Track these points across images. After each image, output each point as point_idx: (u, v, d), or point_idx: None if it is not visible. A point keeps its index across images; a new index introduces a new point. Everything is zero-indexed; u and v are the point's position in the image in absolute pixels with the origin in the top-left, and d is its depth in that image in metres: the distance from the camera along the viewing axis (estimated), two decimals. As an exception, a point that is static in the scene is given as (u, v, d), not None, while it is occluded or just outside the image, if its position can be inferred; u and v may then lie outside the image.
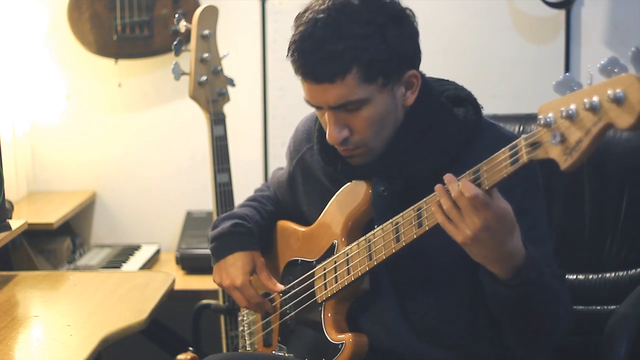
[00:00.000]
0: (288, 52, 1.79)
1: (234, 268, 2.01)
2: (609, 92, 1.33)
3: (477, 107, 1.84)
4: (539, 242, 1.74)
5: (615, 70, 1.34)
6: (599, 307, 2.10)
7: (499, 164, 1.53)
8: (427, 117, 1.81)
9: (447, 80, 1.91)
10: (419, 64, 1.82)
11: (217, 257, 2.04)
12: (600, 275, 2.11)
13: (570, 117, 1.39)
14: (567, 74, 1.44)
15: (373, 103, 1.76)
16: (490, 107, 1.93)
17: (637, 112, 1.30)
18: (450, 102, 1.84)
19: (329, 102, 1.76)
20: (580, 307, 2.11)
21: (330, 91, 1.74)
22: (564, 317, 1.74)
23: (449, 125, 1.80)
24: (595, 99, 1.35)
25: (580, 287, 2.12)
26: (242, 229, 2.05)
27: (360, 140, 1.79)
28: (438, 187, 1.62)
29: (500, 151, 1.53)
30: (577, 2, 3.14)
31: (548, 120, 1.43)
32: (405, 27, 1.77)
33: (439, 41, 3.20)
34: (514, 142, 1.51)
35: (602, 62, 1.35)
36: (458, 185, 1.58)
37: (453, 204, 1.59)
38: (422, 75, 1.84)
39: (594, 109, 1.36)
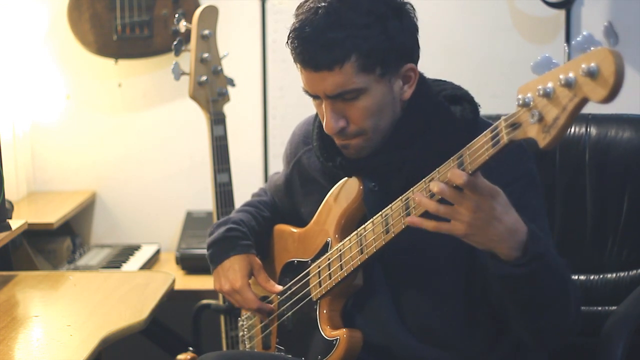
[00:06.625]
0: (288, 39, 1.79)
1: (232, 271, 2.01)
2: (583, 66, 1.33)
3: (474, 106, 1.85)
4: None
5: (591, 48, 1.34)
6: (599, 308, 2.10)
7: (481, 147, 1.53)
8: (425, 114, 1.81)
9: (444, 81, 1.92)
10: (417, 59, 1.83)
11: (214, 263, 2.05)
12: (601, 276, 2.11)
13: (547, 95, 1.40)
14: (545, 54, 1.44)
15: (370, 93, 1.76)
16: (490, 107, 1.93)
17: (610, 84, 1.30)
18: (448, 101, 1.85)
19: (327, 90, 1.76)
20: (581, 307, 2.11)
21: (328, 79, 1.75)
22: (574, 299, 1.72)
23: (446, 123, 1.81)
24: (570, 74, 1.36)
25: (581, 288, 2.12)
26: (236, 232, 2.05)
27: (358, 130, 1.79)
28: (416, 195, 1.62)
29: (482, 134, 1.53)
30: (577, 2, 3.14)
31: (527, 100, 1.43)
32: (405, 20, 1.78)
33: (439, 41, 3.20)
34: (494, 124, 1.51)
35: (577, 39, 1.36)
36: (435, 185, 1.58)
37: (438, 204, 1.59)
38: (421, 74, 1.84)
39: (569, 84, 1.36)
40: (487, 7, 3.21)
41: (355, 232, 1.82)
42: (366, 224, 1.79)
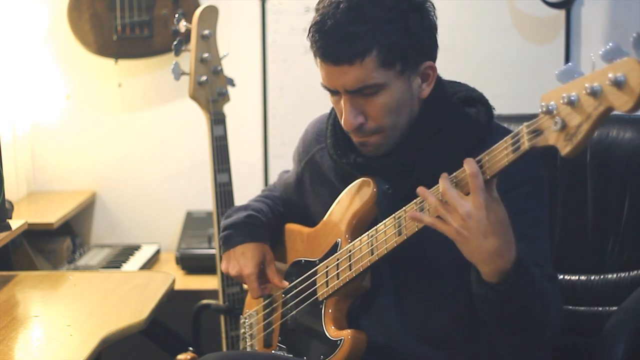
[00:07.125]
0: (308, 33, 1.79)
1: (244, 258, 2.02)
2: (610, 75, 1.34)
3: (488, 108, 1.85)
4: (536, 240, 1.74)
5: (617, 58, 1.35)
6: (600, 308, 2.10)
7: (501, 152, 1.53)
8: (440, 115, 1.82)
9: (459, 82, 1.92)
10: (436, 58, 1.83)
11: (228, 245, 2.06)
12: (602, 276, 2.11)
13: (572, 103, 1.40)
14: (569, 63, 1.45)
15: (390, 89, 1.76)
16: (490, 107, 1.92)
17: (636, 94, 1.31)
18: (462, 102, 1.85)
19: (347, 85, 1.76)
20: (582, 308, 2.11)
21: (348, 73, 1.74)
22: (554, 321, 1.72)
23: (461, 125, 1.81)
24: (596, 84, 1.37)
25: (581, 288, 2.12)
26: (255, 221, 2.07)
27: (377, 127, 1.79)
28: (420, 189, 1.64)
29: (503, 140, 1.54)
30: (577, 2, 3.14)
31: (550, 107, 1.44)
32: (425, 18, 1.80)
33: (439, 41, 3.19)
34: (516, 130, 1.51)
35: (605, 49, 1.36)
36: (442, 183, 1.60)
37: (439, 202, 1.61)
38: (437, 74, 1.85)
39: (594, 93, 1.37)
40: (487, 7, 3.21)
41: (367, 233, 1.81)
42: (378, 225, 1.78)
